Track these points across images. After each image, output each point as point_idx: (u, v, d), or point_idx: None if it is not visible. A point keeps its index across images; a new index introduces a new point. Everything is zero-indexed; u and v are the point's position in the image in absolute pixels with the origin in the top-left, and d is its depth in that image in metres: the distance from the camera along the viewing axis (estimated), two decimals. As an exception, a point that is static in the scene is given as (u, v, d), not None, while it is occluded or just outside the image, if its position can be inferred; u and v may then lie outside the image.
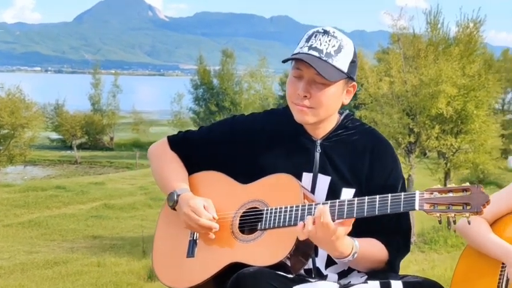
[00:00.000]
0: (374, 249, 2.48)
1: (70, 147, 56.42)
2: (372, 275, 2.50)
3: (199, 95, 55.57)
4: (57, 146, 58.86)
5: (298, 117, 2.54)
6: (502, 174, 32.71)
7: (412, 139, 25.51)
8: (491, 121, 27.12)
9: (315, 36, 2.51)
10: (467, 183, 2.20)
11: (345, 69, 2.50)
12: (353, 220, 2.29)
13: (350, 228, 2.29)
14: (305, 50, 2.48)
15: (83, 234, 27.66)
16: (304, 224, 2.27)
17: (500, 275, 2.46)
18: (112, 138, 61.47)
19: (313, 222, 2.25)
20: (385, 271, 2.52)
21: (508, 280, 2.42)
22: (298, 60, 2.46)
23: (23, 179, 43.53)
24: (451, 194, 2.19)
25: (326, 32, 2.50)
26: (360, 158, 2.58)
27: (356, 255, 2.37)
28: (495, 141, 27.68)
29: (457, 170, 27.39)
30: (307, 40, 2.51)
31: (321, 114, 2.52)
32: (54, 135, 59.16)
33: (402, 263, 2.60)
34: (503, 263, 2.46)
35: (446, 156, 26.28)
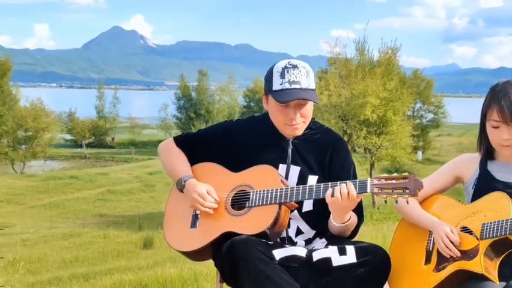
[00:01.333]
0: (354, 219, 2.55)
1: (80, 146, 55.86)
2: (330, 241, 2.55)
3: (181, 105, 55.73)
4: (70, 145, 58.19)
5: (291, 133, 2.58)
6: (413, 165, 33.23)
7: (346, 138, 25.67)
8: (405, 125, 27.44)
9: (287, 72, 2.50)
10: (406, 173, 2.29)
11: (314, 86, 2.55)
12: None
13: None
14: (287, 85, 2.47)
15: (92, 213, 27.46)
16: (332, 193, 2.32)
17: (428, 239, 2.50)
18: (113, 138, 60.96)
19: (340, 194, 2.31)
20: (341, 238, 2.56)
21: (433, 243, 2.45)
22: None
23: (44, 171, 42.94)
24: (393, 181, 2.26)
25: (294, 66, 2.51)
26: (323, 151, 2.62)
27: (348, 222, 2.46)
28: (408, 140, 28.01)
29: (379, 162, 27.72)
30: (282, 76, 2.50)
31: (307, 123, 2.59)
32: (68, 137, 58.53)
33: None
34: (430, 231, 2.50)
35: (371, 151, 26.55)
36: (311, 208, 2.54)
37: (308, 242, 2.60)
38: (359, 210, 2.58)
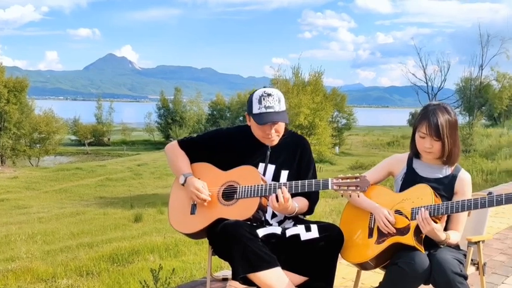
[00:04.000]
0: (303, 204, 2.47)
1: (83, 144, 54.07)
2: (297, 221, 2.49)
3: (161, 113, 55.06)
4: (75, 144, 56.22)
5: (268, 144, 2.51)
6: (333, 157, 33.52)
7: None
8: (327, 128, 27.86)
9: (263, 99, 2.41)
10: (357, 174, 2.27)
11: (285, 107, 2.47)
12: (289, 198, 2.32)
13: (290, 201, 2.33)
14: (263, 110, 2.40)
15: (93, 196, 26.61)
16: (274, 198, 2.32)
17: (370, 219, 2.45)
18: (109, 139, 59.30)
19: (277, 199, 2.30)
20: (305, 216, 2.55)
21: (374, 222, 2.41)
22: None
23: (55, 164, 41.54)
24: (348, 180, 2.23)
25: (269, 95, 2.42)
26: (293, 152, 2.55)
27: (296, 211, 2.39)
28: (329, 139, 28.40)
29: (309, 155, 27.97)
30: (260, 102, 2.42)
31: (280, 136, 2.51)
32: (73, 137, 56.69)
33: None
34: (371, 213, 2.46)
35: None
36: None
37: (280, 222, 2.53)
38: (315, 193, 2.54)
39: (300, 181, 2.31)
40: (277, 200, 2.28)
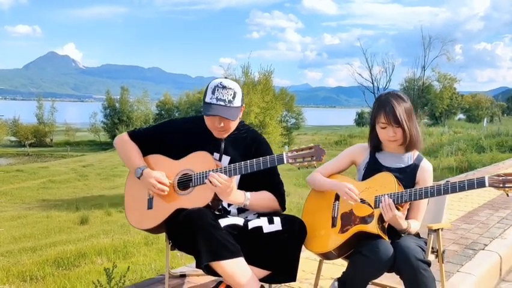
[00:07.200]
0: (264, 197, 2.40)
1: (24, 146, 51.58)
2: (261, 213, 2.42)
3: (107, 113, 53.61)
4: (15, 145, 53.57)
5: (217, 135, 2.42)
6: (282, 156, 33.88)
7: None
8: (277, 127, 28.02)
9: (217, 90, 2.32)
10: (312, 144, 2.21)
11: (240, 104, 2.37)
12: (231, 182, 2.25)
13: (234, 185, 2.27)
14: (214, 101, 2.31)
15: (36, 198, 25.42)
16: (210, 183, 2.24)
17: (333, 208, 2.42)
18: (51, 140, 56.99)
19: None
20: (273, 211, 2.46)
21: (338, 211, 2.38)
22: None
23: (-7, 166, 39.52)
24: (303, 152, 2.18)
25: (224, 87, 2.33)
26: (249, 146, 2.47)
27: (248, 202, 2.32)
28: (279, 138, 28.61)
29: (260, 154, 28.12)
30: (213, 92, 2.33)
31: (231, 131, 2.42)
32: (13, 138, 53.98)
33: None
34: (334, 200, 2.42)
35: (254, 147, 26.85)
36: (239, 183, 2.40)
37: (240, 211, 2.45)
38: (281, 187, 2.49)
39: (254, 159, 2.24)
40: (215, 184, 2.22)
